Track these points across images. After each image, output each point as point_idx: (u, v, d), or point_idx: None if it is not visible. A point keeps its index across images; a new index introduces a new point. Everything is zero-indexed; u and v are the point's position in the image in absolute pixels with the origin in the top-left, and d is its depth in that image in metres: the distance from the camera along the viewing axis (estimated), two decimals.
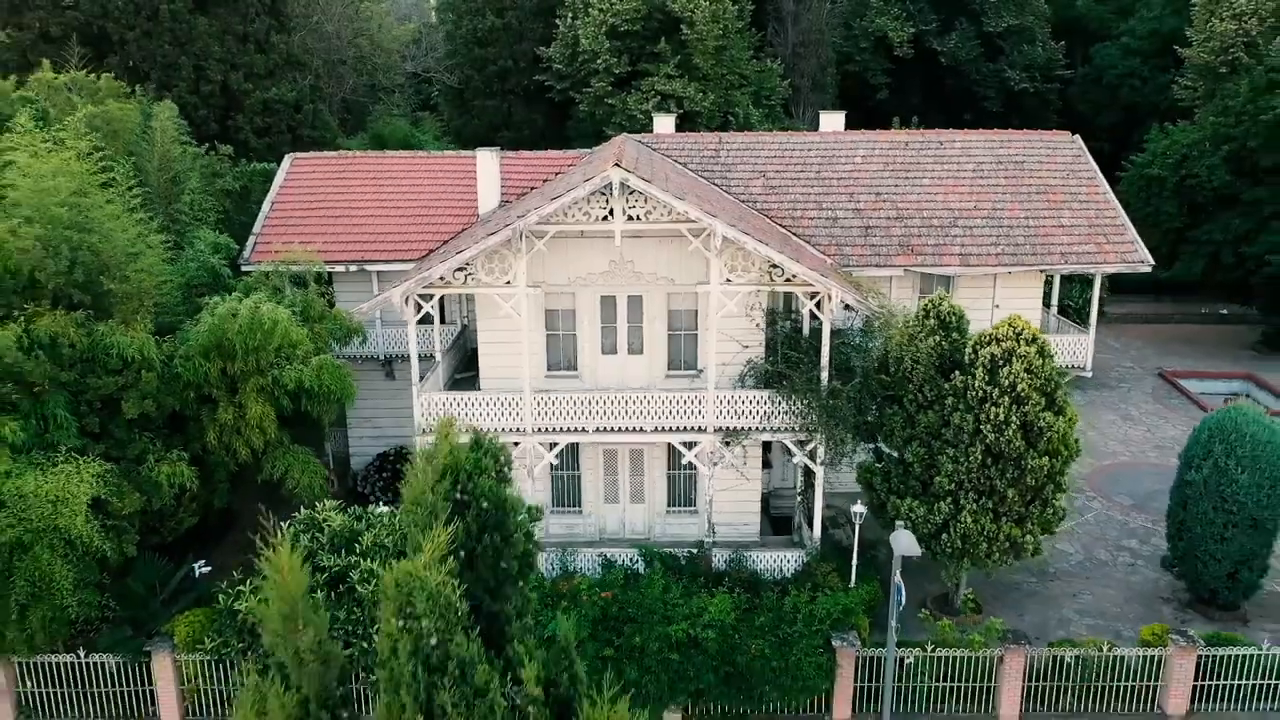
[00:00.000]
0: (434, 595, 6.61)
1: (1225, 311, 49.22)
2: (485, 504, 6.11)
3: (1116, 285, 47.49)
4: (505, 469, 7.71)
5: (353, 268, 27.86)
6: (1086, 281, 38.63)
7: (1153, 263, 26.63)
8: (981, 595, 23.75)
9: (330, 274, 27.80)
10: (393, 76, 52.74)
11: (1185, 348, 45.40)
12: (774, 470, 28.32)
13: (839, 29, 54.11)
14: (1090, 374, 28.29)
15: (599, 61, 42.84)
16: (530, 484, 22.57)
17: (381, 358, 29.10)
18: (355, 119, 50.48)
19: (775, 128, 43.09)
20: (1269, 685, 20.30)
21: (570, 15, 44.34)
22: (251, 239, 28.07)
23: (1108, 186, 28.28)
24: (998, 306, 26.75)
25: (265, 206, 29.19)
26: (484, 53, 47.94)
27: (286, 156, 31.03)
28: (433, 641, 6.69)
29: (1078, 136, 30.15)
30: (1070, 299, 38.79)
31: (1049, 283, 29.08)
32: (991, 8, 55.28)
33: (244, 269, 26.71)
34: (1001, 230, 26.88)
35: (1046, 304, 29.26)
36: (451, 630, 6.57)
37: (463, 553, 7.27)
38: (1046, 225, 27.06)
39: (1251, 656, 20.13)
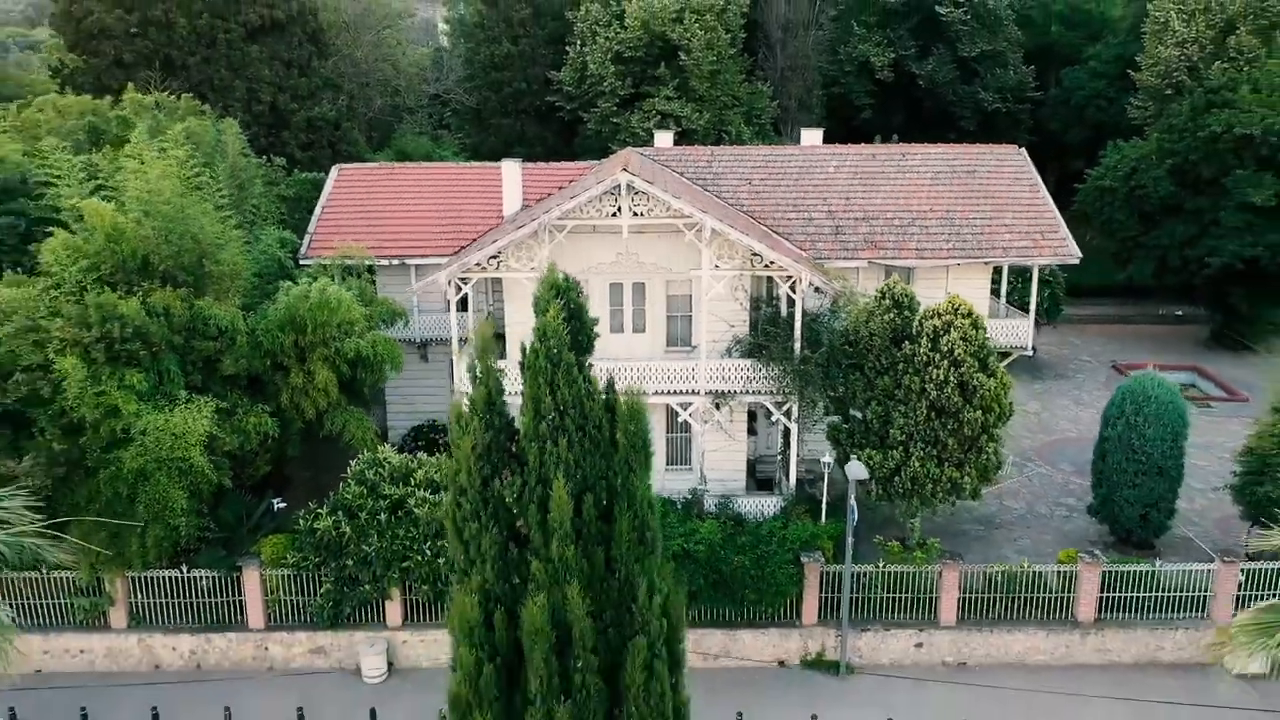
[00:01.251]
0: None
1: (1180, 312, 53.46)
2: (571, 307, 9.25)
3: (1078, 289, 51.92)
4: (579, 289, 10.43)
5: (394, 262, 32.27)
6: (1044, 282, 43.00)
7: (1080, 255, 31.17)
8: (943, 550, 27.96)
9: (374, 267, 32.18)
10: (415, 97, 57.31)
11: (1141, 344, 49.64)
12: (759, 438, 32.58)
13: (825, 54, 58.70)
14: (1031, 353, 32.73)
15: (605, 84, 47.49)
16: None
17: (418, 341, 33.43)
18: (381, 136, 55.04)
19: (765, 144, 47.60)
20: (1163, 598, 24.53)
21: (579, 43, 49.02)
22: (307, 237, 32.53)
23: (1046, 192, 32.81)
24: (950, 294, 31.06)
25: (318, 210, 33.69)
26: (500, 76, 52.67)
27: (334, 167, 35.60)
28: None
29: (1023, 150, 34.74)
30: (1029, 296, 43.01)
31: (998, 275, 33.46)
32: (966, 34, 59.75)
33: (301, 263, 31.14)
34: (953, 229, 31.35)
35: (996, 294, 33.65)
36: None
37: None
38: (992, 225, 31.54)
39: (1146, 573, 24.38)
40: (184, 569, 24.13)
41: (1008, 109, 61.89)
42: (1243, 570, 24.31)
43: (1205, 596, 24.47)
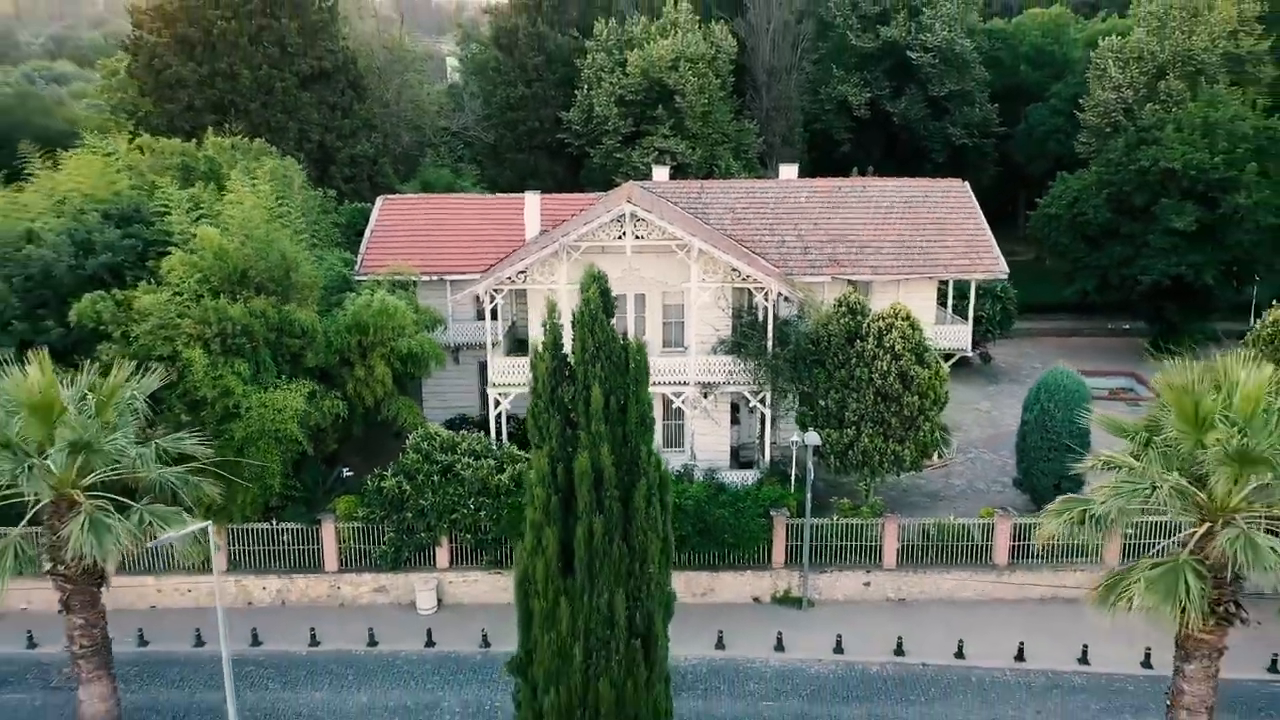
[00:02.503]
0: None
1: (1127, 326, 59.38)
2: (598, 291, 14.66)
3: (1036, 305, 57.91)
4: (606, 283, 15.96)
5: (433, 278, 38.23)
6: (996, 298, 48.94)
7: (1008, 271, 37.18)
8: (885, 506, 33.70)
9: (417, 282, 38.09)
10: (436, 133, 63.46)
11: (1090, 354, 55.44)
12: (742, 428, 38.41)
13: (807, 94, 65.00)
14: (970, 354, 38.64)
15: (609, 124, 53.69)
16: None
17: (451, 345, 39.27)
18: (407, 168, 61.11)
19: (751, 177, 53.69)
20: (1065, 545, 30.21)
21: (586, 87, 55.26)
22: (360, 257, 38.52)
23: (983, 219, 38.85)
24: (902, 303, 36.95)
25: (368, 234, 39.72)
26: (515, 115, 58.94)
27: (380, 198, 41.71)
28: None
29: (965, 183, 40.83)
30: (984, 311, 48.79)
31: (945, 288, 39.38)
32: (935, 76, 65.98)
33: (357, 278, 37.07)
34: (903, 250, 37.36)
35: (943, 304, 39.58)
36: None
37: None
38: (935, 246, 37.55)
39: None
40: (273, 522, 29.89)
41: (975, 143, 68.03)
42: (1131, 525, 30.02)
43: (1099, 545, 30.16)
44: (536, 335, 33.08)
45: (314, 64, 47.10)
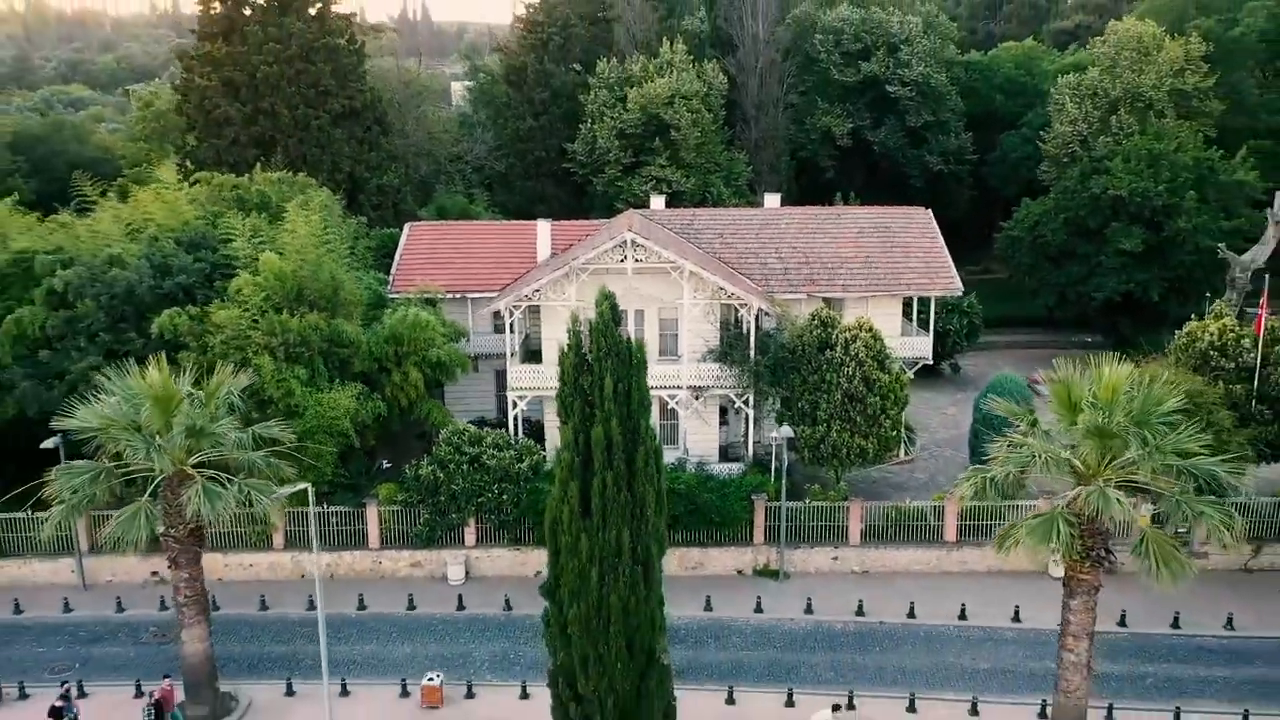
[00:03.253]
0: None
1: (1090, 339, 64.34)
2: (609, 306, 19.32)
3: (1006, 319, 62.94)
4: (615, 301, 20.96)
5: (456, 295, 43.18)
6: (963, 313, 53.81)
7: (962, 289, 42.21)
8: (849, 492, 38.51)
9: (441, 299, 43.02)
10: (453, 162, 68.56)
11: (1052, 365, 60.40)
12: (729, 428, 43.29)
13: (793, 125, 70.19)
14: (931, 361, 43.56)
15: (610, 155, 58.82)
16: None
17: (471, 355, 44.14)
18: (423, 195, 66.21)
19: (741, 203, 58.71)
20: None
21: (589, 120, 60.43)
22: (391, 277, 43.51)
23: (942, 242, 43.86)
24: (870, 318, 41.92)
25: (397, 257, 44.75)
26: (524, 146, 64.13)
27: (407, 225, 46.77)
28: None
29: (929, 210, 45.87)
30: (951, 325, 53.62)
31: (909, 303, 44.31)
32: (913, 108, 71.17)
33: (390, 296, 42.02)
34: (871, 270, 42.38)
35: (908, 316, 44.50)
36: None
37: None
38: (899, 267, 42.57)
39: (990, 508, 34.94)
40: (324, 505, 34.73)
41: (950, 169, 73.19)
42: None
43: None
44: (556, 342, 38.27)
45: (345, 103, 52.26)
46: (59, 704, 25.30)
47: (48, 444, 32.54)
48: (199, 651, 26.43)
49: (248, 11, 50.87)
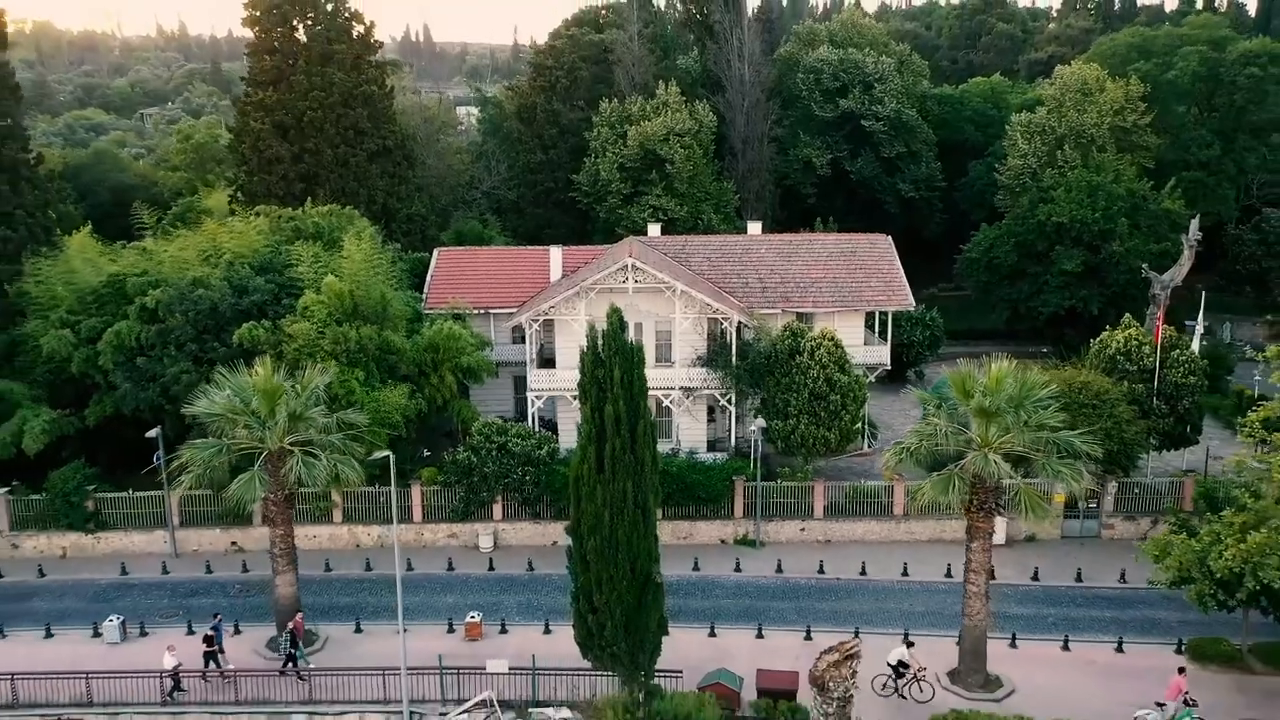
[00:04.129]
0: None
1: (1045, 350, 71.37)
2: (618, 318, 25.95)
3: (970, 332, 69.88)
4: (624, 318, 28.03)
5: (480, 311, 50.14)
6: (925, 325, 60.72)
7: (914, 304, 49.23)
8: (823, 477, 45.33)
9: (467, 314, 49.96)
10: (469, 190, 75.70)
11: None
12: (716, 423, 50.17)
13: (777, 156, 77.38)
14: (889, 367, 50.52)
15: (612, 186, 65.95)
16: None
17: (493, 362, 51.09)
18: (443, 220, 73.28)
19: (729, 229, 65.69)
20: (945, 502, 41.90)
21: (593, 155, 67.61)
22: (425, 295, 50.52)
23: (899, 263, 50.89)
24: (836, 329, 48.96)
25: (429, 278, 51.77)
26: (534, 177, 71.32)
27: (436, 250, 53.82)
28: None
29: (889, 236, 52.97)
30: (915, 336, 60.53)
31: (871, 317, 51.27)
32: (886, 140, 78.32)
33: (424, 312, 48.97)
34: (837, 288, 49.42)
35: (870, 328, 51.45)
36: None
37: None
38: (861, 285, 49.63)
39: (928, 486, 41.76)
40: (376, 486, 41.59)
41: (921, 195, 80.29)
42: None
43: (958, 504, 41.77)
44: (569, 351, 45.36)
45: (378, 142, 59.40)
46: (210, 633, 32.09)
47: (151, 433, 39.67)
48: (289, 594, 33.29)
49: (295, 62, 58.00)
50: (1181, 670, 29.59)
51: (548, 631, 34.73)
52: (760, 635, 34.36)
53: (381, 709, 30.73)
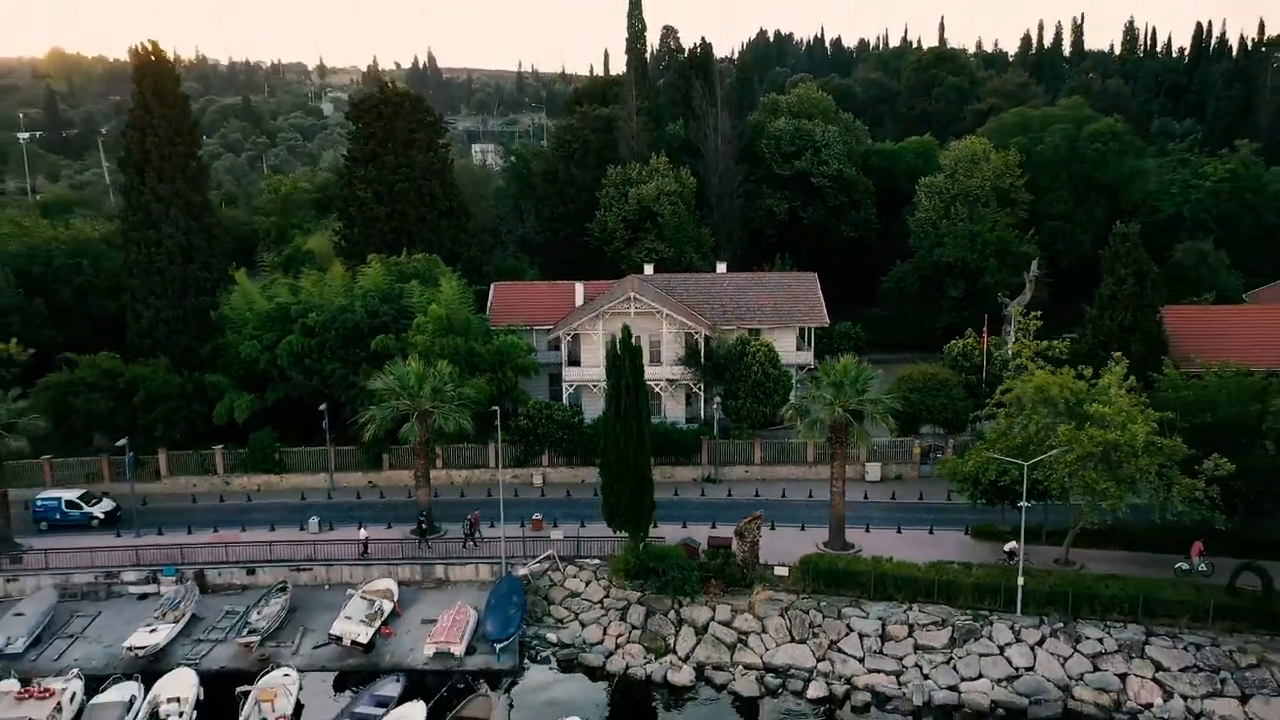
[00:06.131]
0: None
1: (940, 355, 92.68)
2: (627, 331, 46.18)
3: (891, 343, 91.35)
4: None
5: (526, 327, 71.57)
6: (849, 337, 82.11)
7: (828, 321, 70.98)
8: (761, 438, 66.46)
9: (519, 330, 71.19)
10: (505, 235, 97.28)
11: None
12: (692, 405, 71.55)
13: (745, 206, 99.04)
14: (816, 366, 72.10)
15: (617, 233, 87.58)
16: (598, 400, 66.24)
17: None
18: (485, 257, 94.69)
19: (706, 265, 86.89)
20: (859, 450, 63.35)
21: (603, 209, 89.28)
22: (488, 316, 71.96)
23: (820, 294, 72.51)
24: (775, 340, 70.49)
25: (490, 304, 73.35)
26: (556, 225, 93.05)
27: (493, 285, 75.53)
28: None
29: (814, 274, 74.67)
30: (841, 345, 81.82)
31: (804, 331, 72.74)
32: (831, 192, 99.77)
33: (490, 329, 70.32)
34: (776, 311, 71.06)
35: (804, 339, 72.96)
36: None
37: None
38: (794, 309, 71.30)
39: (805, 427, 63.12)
40: (465, 443, 62.79)
41: (861, 236, 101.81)
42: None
43: (858, 452, 63.19)
44: (592, 353, 66.95)
45: (446, 204, 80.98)
46: (471, 518, 53.21)
47: (322, 407, 61.12)
48: (425, 501, 54.68)
49: (387, 145, 79.52)
50: (1199, 536, 47.39)
51: (582, 526, 56.03)
52: (714, 526, 55.66)
53: (489, 563, 52.06)
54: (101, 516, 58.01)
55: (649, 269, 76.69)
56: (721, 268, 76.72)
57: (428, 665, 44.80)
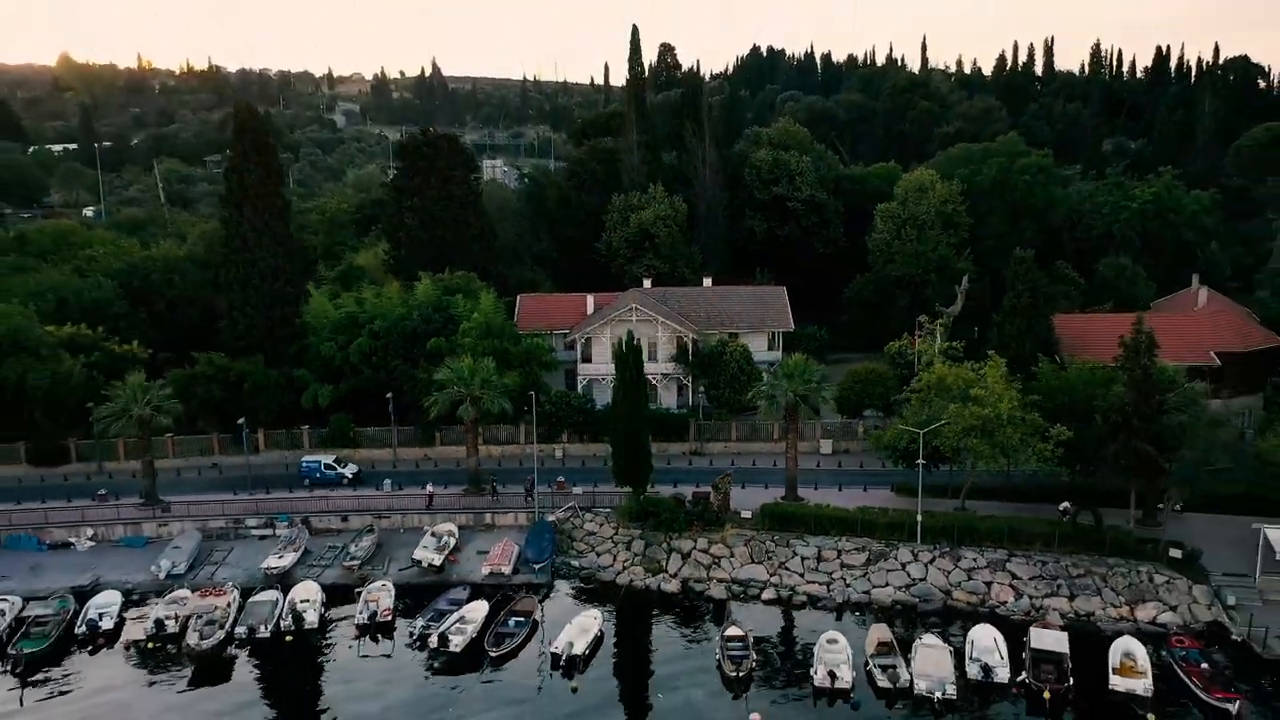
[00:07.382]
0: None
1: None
2: (629, 334, 61.54)
3: (849, 344, 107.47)
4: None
5: (548, 332, 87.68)
6: (813, 338, 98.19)
7: (793, 326, 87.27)
8: (738, 420, 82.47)
9: (543, 334, 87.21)
10: (525, 251, 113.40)
11: None
12: (683, 394, 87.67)
13: (730, 227, 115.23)
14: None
15: (620, 251, 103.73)
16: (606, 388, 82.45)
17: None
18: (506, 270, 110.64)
19: (695, 279, 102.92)
20: (822, 428, 79.44)
21: (608, 231, 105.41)
22: (516, 321, 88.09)
23: (788, 303, 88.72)
24: (749, 342, 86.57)
25: (517, 312, 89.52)
26: (569, 244, 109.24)
27: (519, 295, 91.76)
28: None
29: (783, 287, 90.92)
30: (807, 346, 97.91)
31: (772, 336, 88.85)
32: (804, 213, 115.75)
33: (518, 333, 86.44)
34: (750, 317, 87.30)
35: (774, 340, 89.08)
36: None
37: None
38: (765, 316, 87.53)
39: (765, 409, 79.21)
40: (504, 422, 78.87)
41: (831, 251, 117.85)
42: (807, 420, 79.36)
43: (818, 434, 79.24)
44: (602, 352, 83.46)
45: (477, 229, 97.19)
46: (528, 481, 69.41)
47: (389, 395, 77.33)
48: (474, 467, 70.83)
49: (429, 179, 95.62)
50: (1068, 492, 65.21)
51: (595, 486, 72.11)
52: (698, 486, 71.69)
53: (525, 511, 68.20)
54: (350, 476, 74.45)
55: (647, 283, 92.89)
56: (707, 281, 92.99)
57: (485, 581, 60.90)
